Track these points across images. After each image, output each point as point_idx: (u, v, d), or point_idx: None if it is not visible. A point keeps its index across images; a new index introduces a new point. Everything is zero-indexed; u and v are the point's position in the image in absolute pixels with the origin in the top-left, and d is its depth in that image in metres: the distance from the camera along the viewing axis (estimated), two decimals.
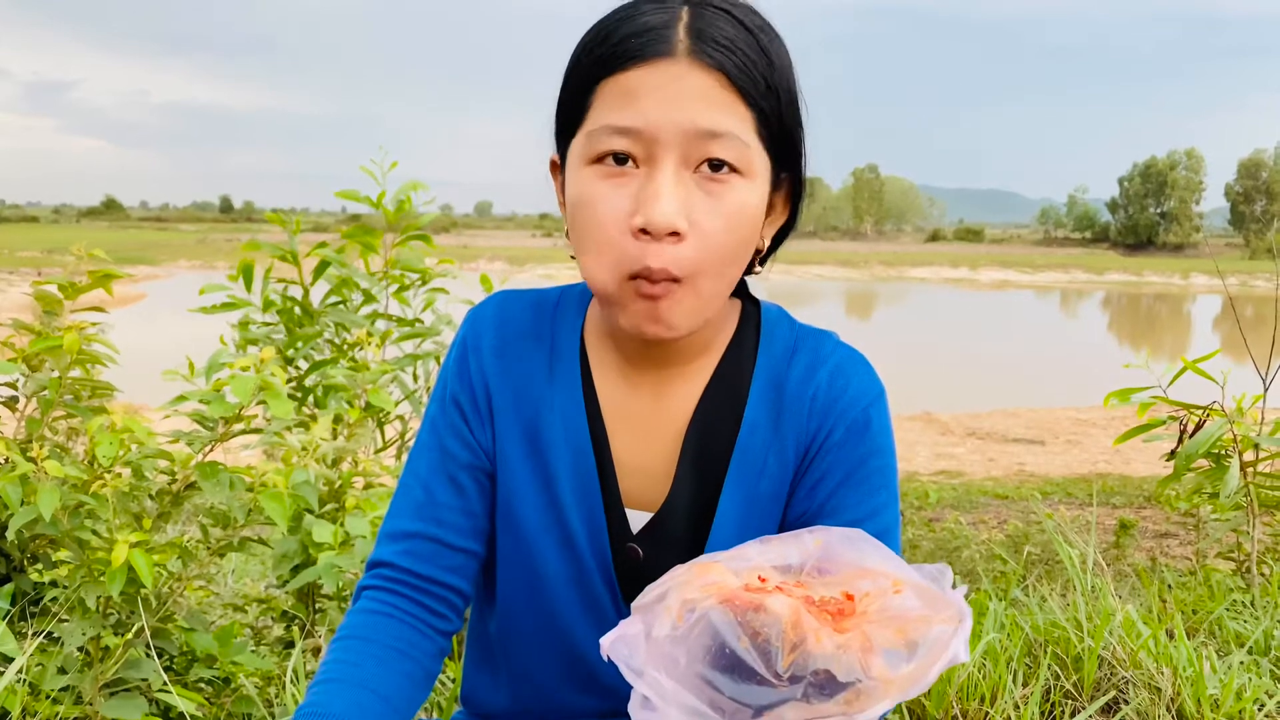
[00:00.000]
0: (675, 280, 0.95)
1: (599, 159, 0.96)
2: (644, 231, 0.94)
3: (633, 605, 0.86)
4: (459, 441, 1.12)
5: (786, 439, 1.08)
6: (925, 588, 0.85)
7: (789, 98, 0.99)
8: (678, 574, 0.86)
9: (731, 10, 0.97)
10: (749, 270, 1.08)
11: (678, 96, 0.93)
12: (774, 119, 0.98)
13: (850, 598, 0.85)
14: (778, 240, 1.10)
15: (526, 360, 1.12)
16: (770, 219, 1.05)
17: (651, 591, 0.85)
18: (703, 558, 0.90)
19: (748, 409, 1.08)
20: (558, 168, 1.06)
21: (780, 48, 0.99)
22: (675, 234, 0.94)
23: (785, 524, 1.09)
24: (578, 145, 0.98)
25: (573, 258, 1.03)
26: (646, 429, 1.09)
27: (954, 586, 0.86)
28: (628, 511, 1.10)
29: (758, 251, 1.05)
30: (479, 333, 1.14)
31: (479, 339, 1.13)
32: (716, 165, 0.95)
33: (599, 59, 0.96)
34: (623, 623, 0.84)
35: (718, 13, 0.96)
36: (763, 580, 0.86)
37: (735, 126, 0.94)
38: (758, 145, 0.97)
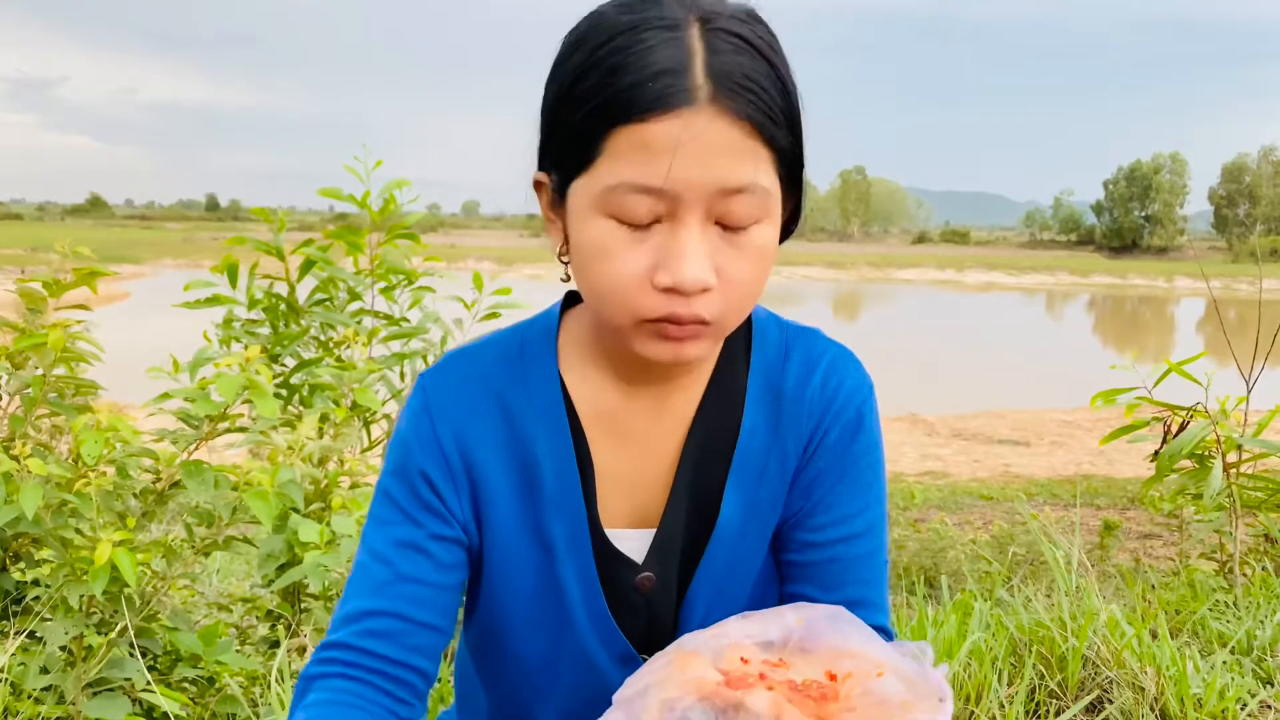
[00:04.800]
0: (704, 323, 0.93)
1: (617, 216, 0.90)
2: (670, 289, 0.91)
3: (614, 698, 0.84)
4: (428, 513, 1.05)
5: (787, 442, 1.07)
6: (907, 672, 0.85)
7: (799, 122, 0.94)
8: (657, 667, 0.85)
9: (743, 34, 0.89)
10: None
11: (703, 153, 0.87)
12: (790, 153, 0.93)
13: (833, 677, 0.85)
14: (781, 238, 1.06)
15: (507, 416, 1.05)
16: None
17: (632, 685, 0.84)
18: (684, 640, 0.89)
19: (745, 413, 1.07)
20: (544, 186, 0.99)
21: (787, 64, 0.93)
22: (705, 290, 0.91)
23: (782, 521, 1.09)
24: (588, 189, 0.91)
25: (564, 279, 1.01)
26: (645, 443, 1.08)
27: (935, 665, 0.87)
28: (628, 531, 1.08)
29: None
30: (444, 398, 1.06)
31: (446, 403, 1.05)
32: (741, 221, 0.91)
33: (608, 102, 0.87)
34: (605, 716, 0.82)
35: (734, 41, 0.88)
36: (745, 661, 0.85)
37: (760, 176, 0.90)
38: (777, 185, 0.93)
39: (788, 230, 1.04)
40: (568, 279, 1.01)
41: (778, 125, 0.90)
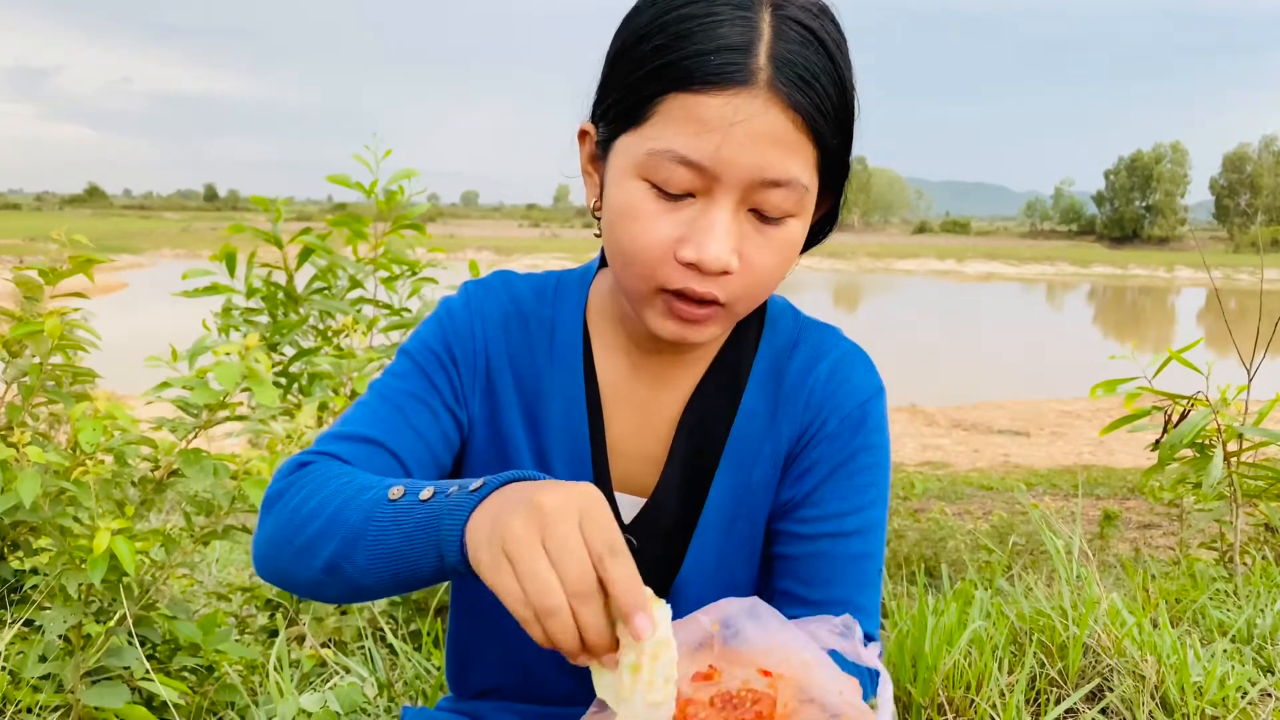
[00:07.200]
0: (718, 304, 0.94)
1: (654, 181, 0.91)
2: (691, 264, 0.92)
3: None
4: (446, 382, 1.06)
5: (781, 428, 1.07)
6: (839, 676, 0.82)
7: (851, 123, 0.94)
8: None
9: (814, 28, 0.90)
10: None
11: (752, 137, 0.88)
12: (836, 153, 0.94)
13: (768, 674, 0.82)
14: (815, 239, 1.07)
15: (529, 339, 1.09)
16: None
17: None
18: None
19: (745, 397, 1.07)
20: (588, 137, 1.01)
21: (849, 63, 0.94)
22: (725, 272, 0.92)
23: (772, 512, 1.08)
24: (630, 148, 0.92)
25: (597, 235, 1.02)
26: (645, 412, 1.08)
27: (865, 643, 0.84)
28: (620, 495, 1.08)
29: None
30: (483, 300, 1.09)
31: (483, 305, 1.08)
32: (774, 214, 0.92)
33: (668, 66, 0.88)
34: None
35: (801, 32, 0.89)
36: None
37: (800, 173, 0.91)
38: (815, 183, 0.94)
39: (821, 232, 1.04)
40: (600, 235, 1.02)
41: (828, 123, 0.91)
